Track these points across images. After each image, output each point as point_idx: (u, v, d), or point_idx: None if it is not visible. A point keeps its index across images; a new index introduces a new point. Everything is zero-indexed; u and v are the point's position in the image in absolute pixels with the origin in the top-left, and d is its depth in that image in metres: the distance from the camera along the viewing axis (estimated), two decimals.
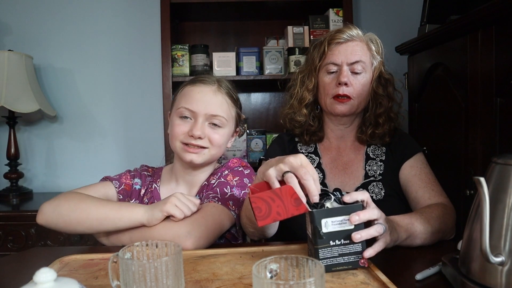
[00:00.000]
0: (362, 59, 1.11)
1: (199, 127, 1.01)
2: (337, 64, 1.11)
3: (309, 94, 1.18)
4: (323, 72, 1.14)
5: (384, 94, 1.15)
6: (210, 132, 1.03)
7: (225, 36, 2.21)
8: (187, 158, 1.03)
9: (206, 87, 1.05)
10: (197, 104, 1.03)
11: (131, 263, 0.60)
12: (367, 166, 1.15)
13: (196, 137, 1.01)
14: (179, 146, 1.04)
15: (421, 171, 1.11)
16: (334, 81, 1.11)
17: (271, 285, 0.49)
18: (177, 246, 0.65)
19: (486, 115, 1.15)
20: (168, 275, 0.61)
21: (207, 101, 1.03)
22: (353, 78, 1.11)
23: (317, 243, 0.71)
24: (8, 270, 0.84)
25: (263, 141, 1.99)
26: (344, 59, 1.10)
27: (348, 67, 1.10)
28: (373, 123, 1.16)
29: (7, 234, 1.70)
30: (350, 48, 1.11)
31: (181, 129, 1.03)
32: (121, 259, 0.61)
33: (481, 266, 0.62)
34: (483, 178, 0.59)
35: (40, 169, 2.19)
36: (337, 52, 1.11)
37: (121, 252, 0.62)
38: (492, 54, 1.11)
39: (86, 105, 2.19)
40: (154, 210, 0.91)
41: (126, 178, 1.13)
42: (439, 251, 0.84)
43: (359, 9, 2.22)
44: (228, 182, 1.05)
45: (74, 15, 2.15)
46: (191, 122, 1.03)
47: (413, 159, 1.13)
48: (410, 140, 1.20)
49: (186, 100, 1.04)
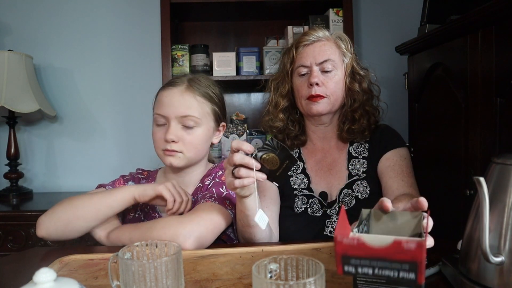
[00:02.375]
0: (331, 58, 1.11)
1: (172, 130, 1.02)
2: (307, 65, 1.12)
3: (284, 99, 1.19)
4: (295, 76, 1.15)
5: (359, 90, 1.15)
6: (183, 135, 1.04)
7: (225, 36, 2.21)
8: (167, 162, 1.05)
9: (173, 89, 1.06)
10: (167, 108, 1.04)
11: (131, 263, 0.60)
12: (349, 165, 1.14)
13: (169, 141, 1.02)
14: (160, 152, 1.06)
15: (396, 163, 1.09)
16: (306, 82, 1.12)
17: (271, 285, 0.49)
18: (177, 246, 0.65)
19: (486, 115, 1.15)
20: (168, 275, 0.61)
21: (174, 103, 1.03)
22: (324, 77, 1.11)
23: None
24: (8, 270, 0.84)
25: (263, 141, 1.99)
26: (312, 60, 1.11)
27: (318, 67, 1.11)
28: (350, 119, 1.15)
29: (7, 234, 1.70)
30: (318, 48, 1.12)
31: (158, 136, 1.06)
32: (121, 259, 0.61)
33: (481, 266, 0.62)
34: (483, 178, 0.59)
35: (40, 169, 2.19)
36: (305, 54, 1.12)
37: (121, 252, 0.62)
38: (492, 54, 1.11)
39: (86, 105, 2.19)
40: (147, 188, 0.99)
41: (119, 183, 1.14)
42: (439, 251, 0.84)
43: (359, 9, 2.22)
44: (223, 182, 1.05)
45: (74, 15, 2.15)
46: (166, 127, 1.04)
47: (392, 152, 1.11)
48: (394, 135, 1.18)
49: (158, 106, 1.07)
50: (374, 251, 0.54)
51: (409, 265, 0.53)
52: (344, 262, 0.56)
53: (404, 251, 0.52)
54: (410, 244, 0.52)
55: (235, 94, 2.24)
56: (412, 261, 0.52)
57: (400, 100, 1.99)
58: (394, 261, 0.54)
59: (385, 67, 2.04)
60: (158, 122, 1.06)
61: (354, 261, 0.56)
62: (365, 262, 0.55)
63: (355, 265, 0.56)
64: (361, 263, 0.56)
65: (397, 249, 0.53)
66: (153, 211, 1.12)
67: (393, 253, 0.53)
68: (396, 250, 0.53)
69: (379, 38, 2.19)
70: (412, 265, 0.53)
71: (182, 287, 0.65)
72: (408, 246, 0.52)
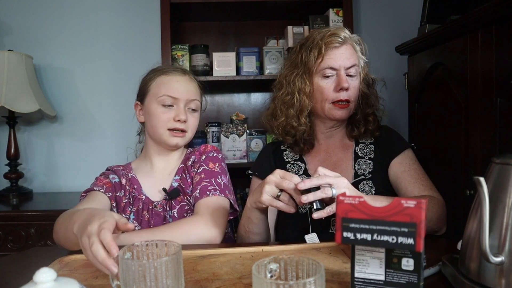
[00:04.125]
0: (356, 63, 1.11)
1: (183, 111, 1.12)
2: (335, 68, 1.09)
3: (308, 100, 1.13)
4: (318, 77, 1.11)
5: (371, 93, 1.17)
6: (189, 117, 1.14)
7: (225, 36, 2.21)
8: (173, 142, 1.12)
9: (181, 76, 1.16)
10: (179, 91, 1.12)
11: (131, 263, 0.60)
12: (356, 165, 1.15)
13: (182, 121, 1.11)
14: (166, 132, 1.12)
15: (410, 167, 1.12)
16: (333, 86, 1.10)
17: (271, 285, 0.49)
18: (177, 246, 0.65)
19: (486, 115, 1.15)
20: (168, 275, 0.61)
21: (186, 87, 1.14)
22: (351, 82, 1.10)
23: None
24: (8, 270, 0.84)
25: (263, 141, 1.99)
26: (342, 63, 1.09)
27: (345, 71, 1.10)
28: (363, 122, 1.17)
29: (7, 234, 1.70)
30: (345, 52, 1.10)
31: (166, 116, 1.11)
32: (121, 259, 0.61)
33: (481, 266, 0.62)
34: (483, 178, 0.59)
35: (40, 169, 2.19)
36: (334, 56, 1.09)
37: (121, 251, 0.62)
38: (492, 54, 1.11)
39: (86, 105, 2.19)
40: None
41: (101, 180, 1.15)
42: (439, 251, 0.84)
43: (359, 9, 2.22)
44: (213, 170, 1.13)
45: (74, 15, 2.15)
46: (174, 108, 1.12)
47: (401, 155, 1.14)
48: (398, 136, 1.20)
49: (166, 88, 1.12)
50: (374, 210, 0.56)
51: (408, 228, 0.54)
52: (344, 228, 0.57)
53: (403, 210, 0.54)
54: (410, 203, 0.54)
55: (235, 94, 2.24)
56: (411, 223, 0.54)
57: (400, 100, 1.99)
58: (393, 224, 0.55)
59: (385, 67, 2.04)
60: (165, 103, 1.12)
61: (354, 225, 0.57)
62: (364, 226, 0.56)
63: (354, 230, 0.57)
64: (360, 228, 0.56)
65: (396, 208, 0.55)
66: (139, 193, 1.15)
67: (393, 214, 0.55)
68: (396, 210, 0.55)
69: (379, 38, 2.19)
70: (411, 228, 0.54)
71: (182, 287, 0.65)
72: (408, 204, 0.54)
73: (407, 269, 0.58)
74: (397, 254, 0.59)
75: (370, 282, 0.61)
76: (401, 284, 0.59)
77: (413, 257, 0.58)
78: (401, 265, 0.59)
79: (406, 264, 0.58)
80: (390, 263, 0.59)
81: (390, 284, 0.59)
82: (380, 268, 0.60)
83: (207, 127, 2.00)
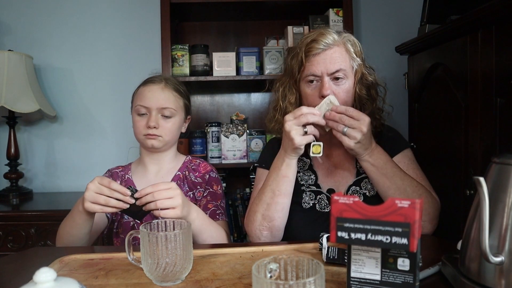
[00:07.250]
0: (342, 67, 1.07)
1: (153, 119, 1.20)
2: (317, 75, 1.07)
3: (292, 107, 1.14)
4: (304, 83, 1.11)
5: (368, 96, 1.13)
6: (162, 123, 1.22)
7: (225, 36, 2.21)
8: (149, 144, 1.22)
9: (154, 86, 1.24)
10: (149, 101, 1.22)
11: (147, 233, 0.72)
12: (358, 164, 1.14)
13: (152, 127, 1.20)
14: (142, 137, 1.23)
15: (408, 166, 1.11)
16: (317, 92, 1.08)
17: (271, 285, 0.49)
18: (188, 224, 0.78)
19: (486, 115, 1.15)
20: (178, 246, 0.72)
21: (156, 97, 1.22)
22: (336, 87, 1.07)
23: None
24: (8, 270, 0.84)
25: (263, 141, 1.98)
26: (324, 69, 1.06)
27: (329, 77, 1.07)
28: None
29: (7, 234, 1.70)
30: (329, 57, 1.06)
31: (140, 124, 1.23)
32: (142, 231, 0.74)
33: (480, 266, 0.62)
34: (483, 178, 0.59)
35: (40, 169, 2.19)
36: (315, 63, 1.07)
37: (142, 226, 0.75)
38: (492, 54, 1.11)
39: (86, 105, 2.19)
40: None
41: None
42: (439, 251, 0.84)
43: (359, 9, 2.22)
44: (217, 193, 1.26)
45: (74, 15, 2.15)
46: (147, 116, 1.22)
47: (400, 154, 1.13)
48: (398, 136, 1.20)
49: (140, 98, 1.23)
50: (368, 210, 0.56)
51: (402, 228, 0.54)
52: (338, 227, 0.57)
53: (397, 210, 0.54)
54: (404, 203, 0.54)
55: (235, 94, 2.24)
56: (405, 223, 0.54)
57: (400, 100, 1.99)
58: (387, 224, 0.55)
59: (385, 67, 2.03)
60: (140, 112, 1.23)
61: (348, 224, 0.57)
62: (358, 226, 0.56)
63: (349, 230, 0.57)
64: (354, 227, 0.56)
65: (390, 208, 0.55)
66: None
67: (387, 213, 0.55)
68: (390, 210, 0.55)
69: (379, 38, 2.19)
70: (405, 228, 0.54)
71: (191, 259, 0.76)
72: (402, 204, 0.54)
73: (402, 269, 0.58)
74: (393, 254, 0.59)
75: (366, 282, 0.61)
76: (397, 284, 0.59)
77: (409, 257, 0.58)
78: (397, 265, 0.59)
79: (401, 264, 0.58)
80: (386, 263, 0.60)
81: (386, 284, 0.60)
82: (376, 268, 0.60)
83: (207, 127, 2.00)
